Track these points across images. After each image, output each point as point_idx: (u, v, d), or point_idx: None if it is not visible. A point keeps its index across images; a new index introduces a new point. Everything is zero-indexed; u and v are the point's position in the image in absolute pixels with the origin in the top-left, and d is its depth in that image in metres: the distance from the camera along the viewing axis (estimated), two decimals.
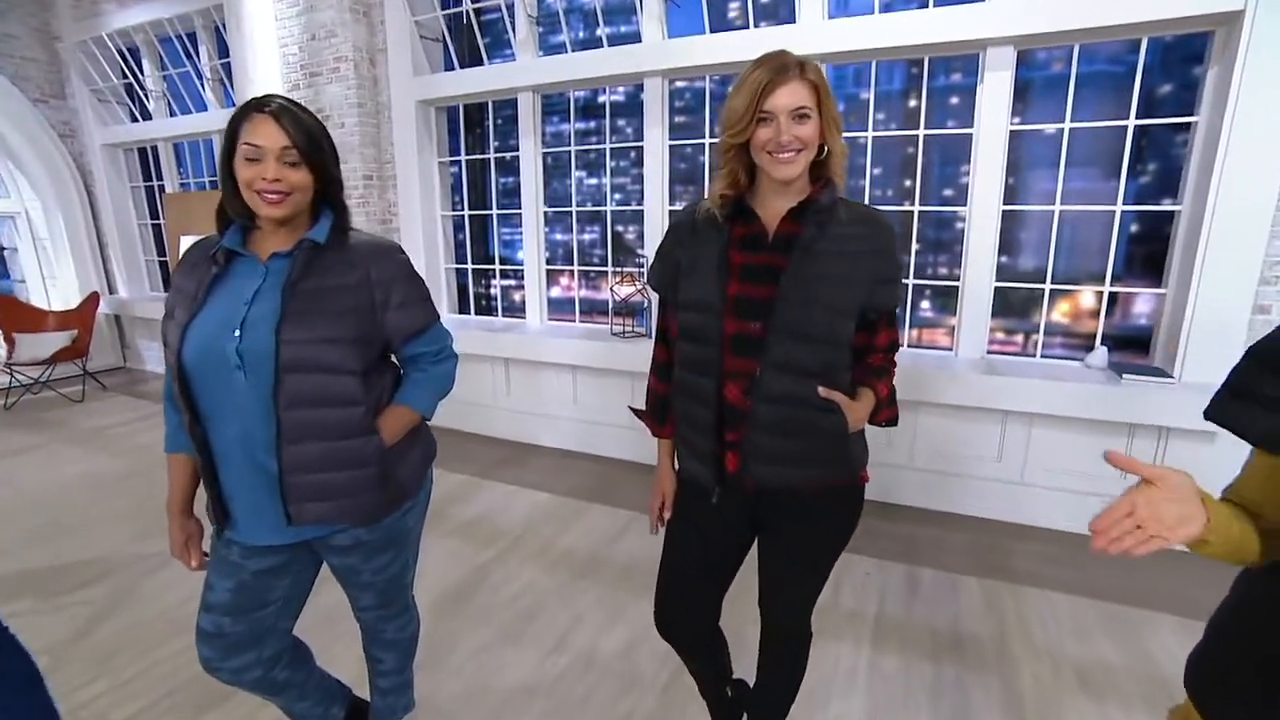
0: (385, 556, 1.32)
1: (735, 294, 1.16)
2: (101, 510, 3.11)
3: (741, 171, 1.20)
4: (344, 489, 1.18)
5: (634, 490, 3.26)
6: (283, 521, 1.17)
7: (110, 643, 2.12)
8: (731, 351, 1.16)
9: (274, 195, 1.10)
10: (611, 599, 2.33)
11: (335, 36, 3.93)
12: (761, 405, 1.15)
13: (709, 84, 3.44)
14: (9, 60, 5.50)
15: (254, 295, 1.13)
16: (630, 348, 3.44)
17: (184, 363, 1.10)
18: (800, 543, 1.29)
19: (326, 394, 1.14)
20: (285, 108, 1.11)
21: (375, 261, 1.21)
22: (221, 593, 1.23)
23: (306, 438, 1.13)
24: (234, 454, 1.14)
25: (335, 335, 1.13)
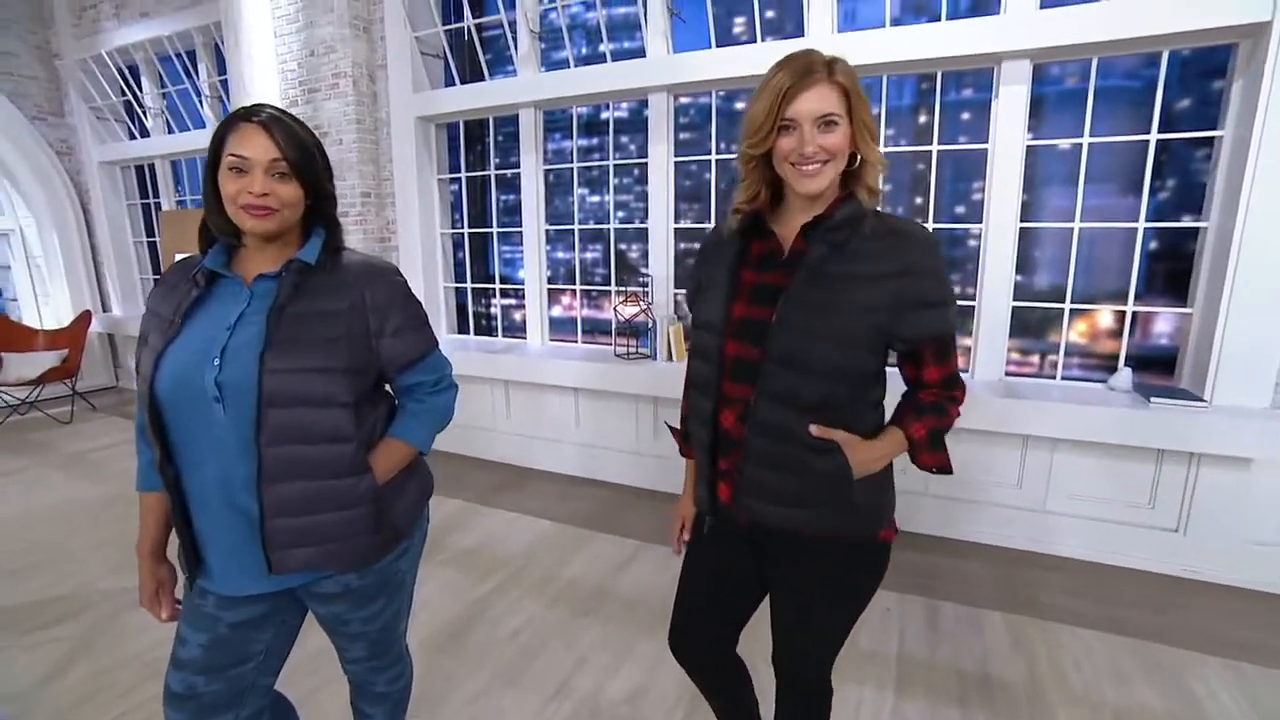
0: (376, 604, 1.19)
1: (739, 315, 1.09)
2: (80, 540, 2.97)
3: (763, 184, 1.10)
4: (332, 532, 1.06)
5: (639, 518, 3.13)
6: (264, 569, 1.04)
7: (79, 688, 1.98)
8: (730, 375, 1.09)
9: (260, 210, 1.00)
10: (617, 637, 2.19)
11: (335, 52, 3.87)
12: (754, 436, 1.06)
13: (715, 100, 3.37)
14: (7, 78, 5.46)
15: (237, 321, 1.02)
16: (634, 370, 3.33)
17: (156, 394, 0.99)
18: (807, 594, 1.16)
19: (314, 429, 1.02)
20: (276, 117, 1.02)
21: (370, 284, 1.10)
22: (194, 648, 1.09)
23: (290, 477, 1.01)
24: (210, 495, 1.02)
25: (325, 365, 1.02)
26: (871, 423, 1.10)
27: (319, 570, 1.08)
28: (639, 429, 3.46)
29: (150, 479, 1.11)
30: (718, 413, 1.11)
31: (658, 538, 2.90)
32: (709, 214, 3.72)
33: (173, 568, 1.17)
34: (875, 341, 1.03)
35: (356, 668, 1.29)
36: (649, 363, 3.38)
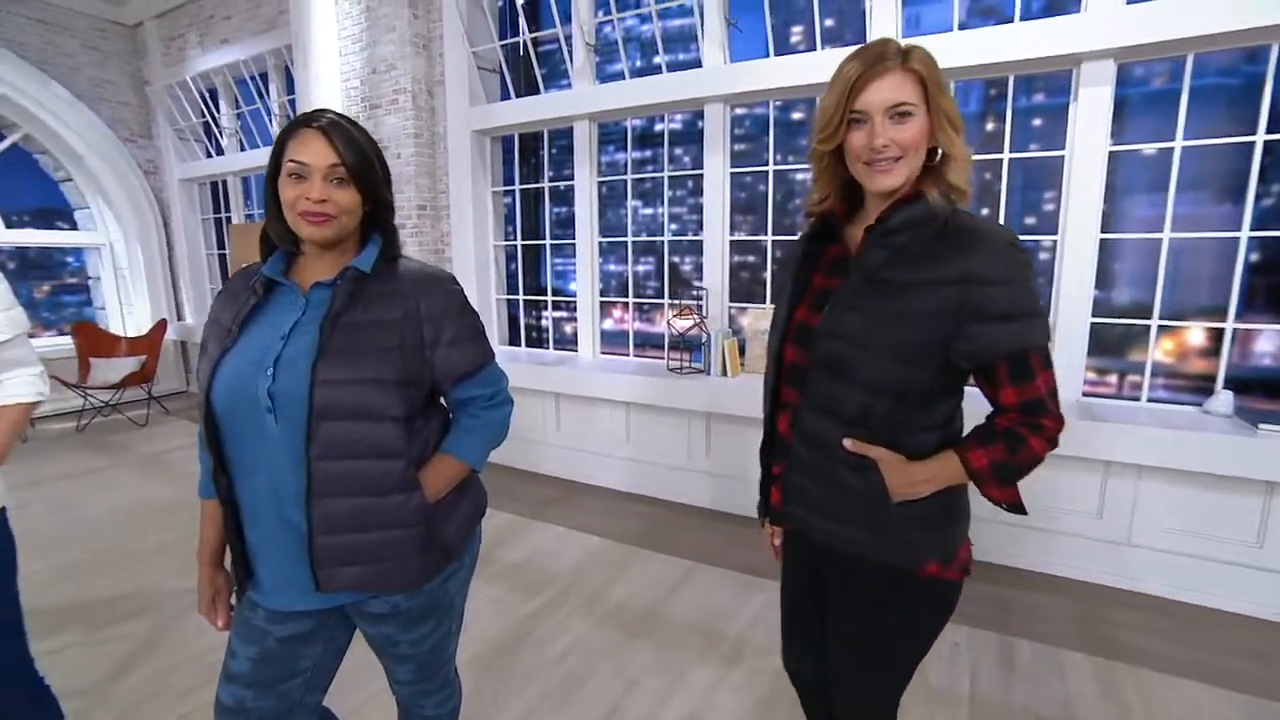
0: (425, 626, 1.16)
1: (799, 320, 1.06)
2: (150, 540, 3.09)
3: (834, 185, 1.04)
4: (380, 552, 1.03)
5: (691, 537, 3.05)
6: (311, 586, 1.02)
7: (142, 688, 2.03)
8: (787, 380, 1.08)
9: (318, 216, 0.98)
10: (670, 661, 2.11)
11: (395, 69, 3.98)
12: (798, 443, 1.04)
13: (772, 110, 3.30)
14: (106, 104, 5.86)
15: (291, 329, 1.00)
16: (687, 384, 3.26)
17: (212, 403, 0.99)
18: (854, 621, 1.09)
19: (364, 443, 1.00)
20: (336, 123, 1.01)
21: (426, 293, 1.07)
22: (244, 662, 1.09)
23: (339, 493, 0.99)
24: (261, 507, 1.01)
25: (378, 376, 1.00)
26: (927, 445, 1.00)
27: (366, 590, 1.05)
28: (691, 445, 3.38)
29: (210, 487, 1.11)
30: (775, 417, 1.10)
31: (711, 558, 2.82)
32: (764, 226, 3.64)
33: (229, 577, 1.17)
34: (931, 355, 0.94)
35: (404, 690, 1.26)
36: (703, 378, 3.31)
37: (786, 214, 3.62)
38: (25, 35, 5.34)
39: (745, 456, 3.26)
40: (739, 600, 2.49)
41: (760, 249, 3.83)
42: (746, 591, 2.55)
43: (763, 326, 3.35)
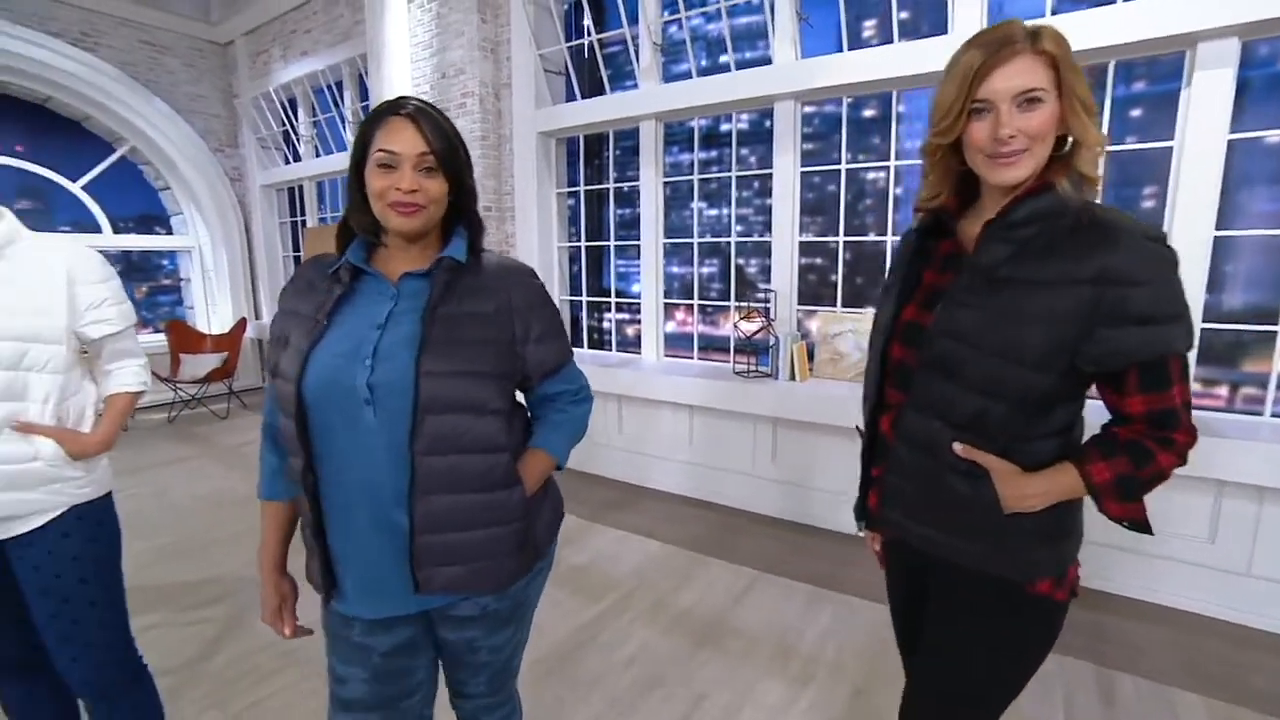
0: (507, 631, 1.12)
1: (908, 318, 1.01)
2: (229, 529, 3.22)
3: (948, 180, 0.97)
4: (482, 549, 0.99)
5: (756, 545, 2.96)
6: (408, 588, 0.98)
7: (225, 670, 2.10)
8: (891, 380, 1.03)
9: (409, 207, 0.95)
10: (739, 674, 2.04)
11: (464, 74, 4.05)
12: (900, 444, 0.99)
13: (845, 107, 3.17)
14: (199, 116, 6.25)
15: (387, 319, 0.97)
16: (754, 388, 3.17)
17: (304, 395, 0.94)
18: (951, 635, 1.01)
19: (468, 437, 0.96)
20: (422, 109, 0.97)
21: (515, 286, 1.04)
22: (357, 685, 1.04)
23: (443, 489, 0.95)
24: (354, 506, 0.96)
25: (478, 369, 0.97)
26: (1044, 454, 0.92)
27: (464, 591, 1.01)
28: (756, 451, 3.29)
29: (273, 488, 1.08)
30: (877, 418, 1.06)
31: (776, 567, 2.72)
32: (833, 227, 3.52)
33: (294, 582, 1.14)
34: (1055, 358, 0.85)
35: (471, 705, 1.20)
36: (770, 382, 3.21)
37: (856, 214, 3.49)
38: (135, 55, 5.76)
39: (812, 463, 3.15)
40: (807, 613, 2.39)
41: (828, 251, 3.71)
42: (814, 604, 2.45)
43: (833, 330, 3.23)
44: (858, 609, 2.41)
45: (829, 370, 3.23)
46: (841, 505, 3.07)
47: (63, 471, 1.26)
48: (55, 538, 1.27)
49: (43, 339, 1.23)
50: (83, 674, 1.31)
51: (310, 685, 2.01)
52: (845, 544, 2.96)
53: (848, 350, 3.20)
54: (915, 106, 3.56)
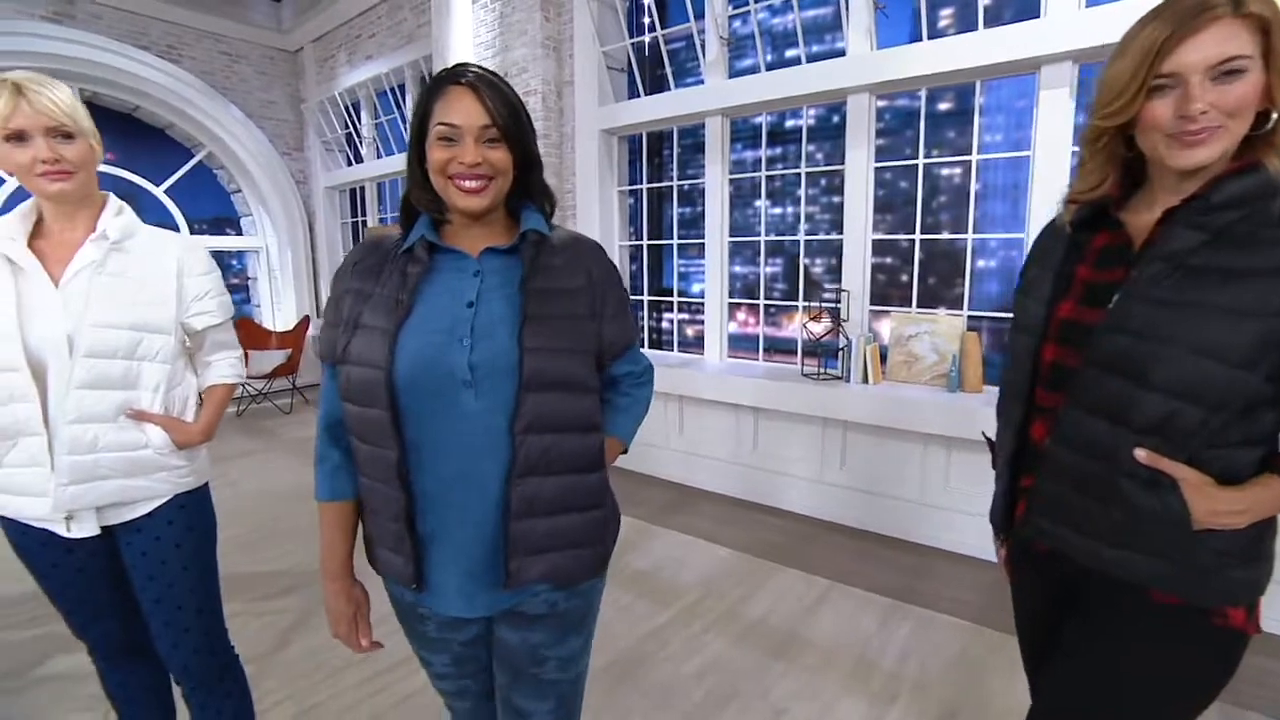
0: (576, 640, 1.02)
1: (1064, 316, 0.92)
2: (296, 522, 3.29)
3: (1112, 167, 0.88)
4: (575, 535, 0.95)
5: (826, 553, 2.85)
6: (496, 582, 0.92)
7: (300, 661, 2.12)
8: (1046, 383, 0.94)
9: (474, 182, 0.88)
10: (818, 690, 1.95)
11: (526, 72, 4.06)
12: (1060, 448, 0.90)
13: (924, 100, 3.04)
14: (269, 121, 6.49)
15: (477, 297, 0.91)
16: (823, 391, 3.07)
17: (396, 380, 0.87)
18: (1112, 663, 0.90)
19: (566, 415, 0.91)
20: (483, 76, 0.89)
21: (593, 260, 0.99)
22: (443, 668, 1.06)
23: (543, 470, 0.90)
24: (447, 496, 0.90)
25: (574, 346, 0.92)
26: (1242, 465, 0.81)
27: (556, 581, 0.95)
28: (825, 455, 3.18)
29: (335, 487, 1.00)
30: (1027, 422, 0.98)
31: (849, 578, 2.61)
32: (902, 225, 3.38)
33: (365, 589, 1.07)
34: (1263, 357, 0.75)
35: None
36: (840, 384, 3.10)
37: (929, 212, 3.35)
38: (213, 64, 6.04)
39: (884, 470, 3.02)
40: (885, 627, 2.28)
41: (898, 250, 3.57)
42: (892, 618, 2.34)
43: (908, 332, 3.10)
44: (939, 624, 2.29)
45: (903, 374, 3.10)
46: (916, 514, 2.94)
47: (169, 460, 1.27)
48: (161, 525, 1.28)
49: (156, 329, 1.24)
50: (183, 660, 1.33)
51: (380, 683, 2.00)
52: (920, 555, 2.82)
53: (923, 353, 3.06)
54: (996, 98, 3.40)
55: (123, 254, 1.23)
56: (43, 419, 1.16)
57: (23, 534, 1.24)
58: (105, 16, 5.34)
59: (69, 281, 1.18)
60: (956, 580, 2.60)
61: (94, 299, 1.18)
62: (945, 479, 2.86)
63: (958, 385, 2.89)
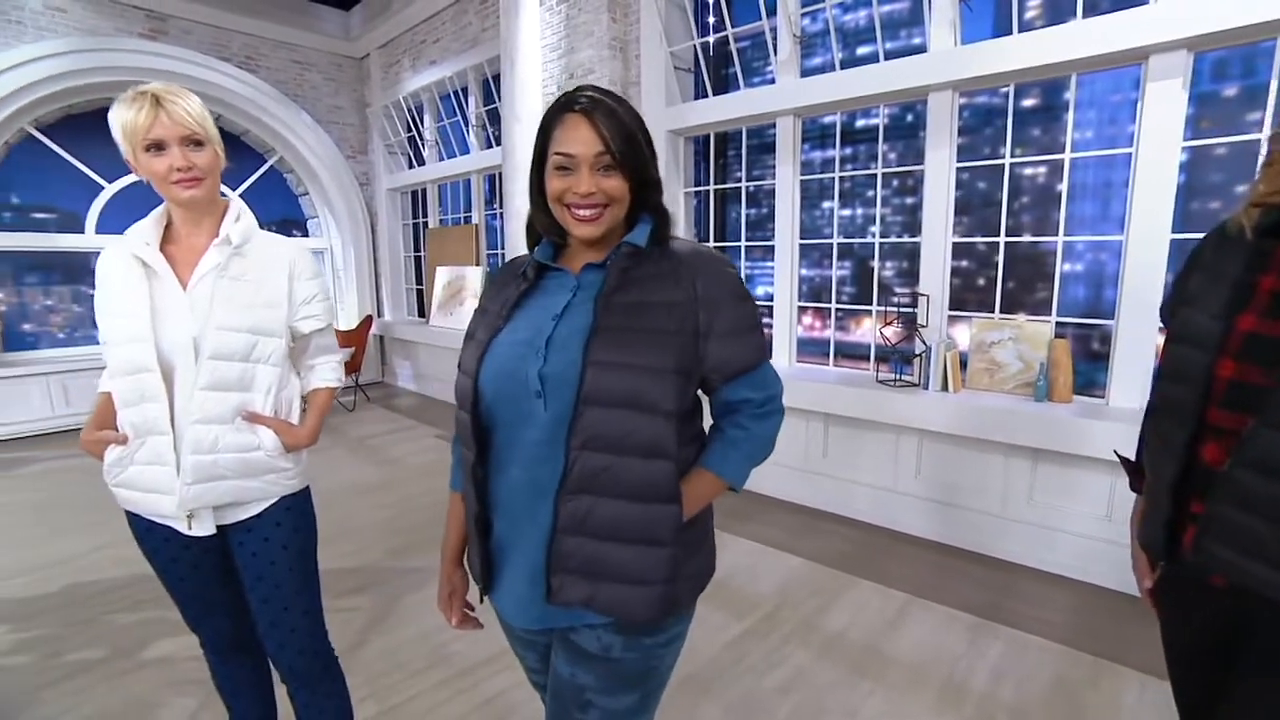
0: (628, 699, 0.96)
1: (1249, 329, 0.85)
2: (365, 519, 3.34)
3: None
4: (626, 568, 0.88)
5: (903, 566, 2.75)
6: (542, 594, 0.90)
7: (379, 660, 2.14)
8: (1220, 402, 0.87)
9: (589, 211, 0.89)
10: (908, 710, 1.87)
11: (593, 74, 4.06)
12: (1244, 473, 0.82)
13: (1011, 96, 2.91)
14: (336, 126, 6.70)
15: (564, 310, 0.92)
16: (899, 398, 2.96)
17: (481, 389, 0.92)
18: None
19: (631, 437, 0.86)
20: (598, 101, 0.89)
21: (701, 274, 0.93)
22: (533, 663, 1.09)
23: (597, 490, 0.87)
24: (514, 501, 0.92)
25: (652, 363, 0.87)
26: None
27: (597, 612, 0.90)
28: (899, 465, 3.08)
29: (457, 479, 1.08)
30: (1194, 444, 0.90)
31: (930, 593, 2.51)
32: (980, 227, 3.24)
33: (466, 575, 1.11)
34: None
35: None
36: (917, 392, 2.99)
37: (1010, 213, 3.20)
38: (286, 73, 6.29)
39: (963, 481, 2.90)
40: (973, 647, 2.17)
41: (975, 253, 3.43)
42: (979, 637, 2.23)
43: (990, 338, 2.97)
44: (1032, 646, 2.17)
45: (984, 381, 2.98)
46: (996, 528, 2.81)
47: (277, 462, 1.29)
48: (269, 526, 1.30)
49: (269, 332, 1.26)
50: (289, 660, 1.35)
51: (458, 685, 2.01)
52: (1002, 571, 2.70)
53: (1006, 360, 2.93)
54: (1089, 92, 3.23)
55: (242, 258, 1.26)
56: (169, 419, 1.18)
57: (147, 529, 1.28)
58: (194, 31, 5.63)
59: (195, 285, 1.21)
60: (1044, 600, 2.47)
61: (217, 302, 1.20)
62: (1029, 492, 2.73)
63: (1045, 395, 2.75)
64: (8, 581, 2.69)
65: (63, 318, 5.80)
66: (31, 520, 3.43)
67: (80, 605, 2.50)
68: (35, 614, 2.44)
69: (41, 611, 2.46)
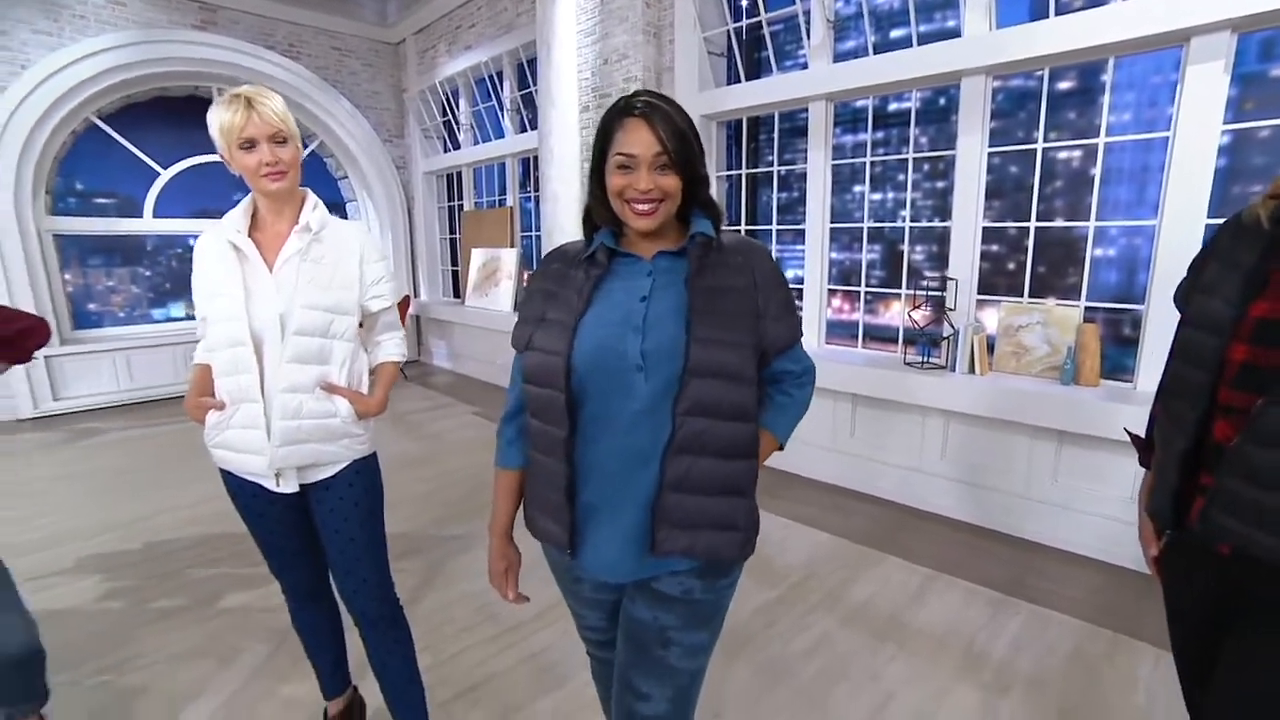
0: (702, 634, 1.08)
1: (1261, 315, 0.90)
2: (408, 491, 3.53)
3: None
4: (720, 517, 1.01)
5: (927, 543, 2.84)
6: (643, 550, 1.01)
7: (433, 615, 2.31)
8: (1232, 383, 0.93)
9: (646, 205, 0.99)
10: (927, 677, 1.97)
11: (626, 59, 4.12)
12: (1254, 449, 0.88)
13: (1046, 80, 2.90)
14: (373, 110, 6.86)
15: (649, 293, 1.02)
16: (926, 380, 3.03)
17: (575, 365, 1.00)
18: None
19: (724, 403, 0.98)
20: (655, 106, 0.99)
21: (758, 263, 1.06)
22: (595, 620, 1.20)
23: (697, 451, 0.98)
24: (607, 468, 1.01)
25: (735, 339, 1.00)
26: None
27: (696, 557, 1.02)
28: (925, 445, 3.14)
29: (509, 457, 1.15)
30: (1205, 422, 0.97)
31: (954, 569, 2.60)
32: (1012, 211, 3.24)
33: (519, 550, 1.21)
34: None
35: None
36: (944, 374, 3.05)
37: (1042, 198, 3.20)
38: (326, 59, 6.46)
39: (989, 462, 2.96)
40: (994, 620, 2.26)
41: (1006, 237, 3.44)
42: (1001, 611, 2.31)
43: (1018, 322, 3.01)
44: (1051, 621, 2.25)
45: (1011, 364, 3.02)
46: (1021, 508, 2.87)
47: (351, 428, 1.44)
48: (343, 486, 1.45)
49: (344, 310, 1.40)
50: (361, 605, 1.50)
51: (506, 640, 2.17)
52: (1025, 550, 2.77)
53: (1034, 344, 2.96)
54: (1128, 74, 3.20)
55: (319, 243, 1.39)
56: (260, 388, 1.33)
57: (240, 486, 1.44)
58: (241, 21, 5.83)
59: (280, 268, 1.35)
60: (1067, 578, 2.54)
61: (300, 283, 1.34)
62: (1054, 474, 2.78)
63: (1072, 378, 2.79)
64: (95, 539, 2.94)
65: (123, 298, 6.12)
66: (111, 485, 3.70)
67: (159, 561, 2.74)
68: (121, 567, 2.69)
69: (126, 565, 2.71)
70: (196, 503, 3.28)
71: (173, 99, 5.77)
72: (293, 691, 1.93)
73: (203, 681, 1.99)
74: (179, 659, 2.09)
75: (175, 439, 4.57)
